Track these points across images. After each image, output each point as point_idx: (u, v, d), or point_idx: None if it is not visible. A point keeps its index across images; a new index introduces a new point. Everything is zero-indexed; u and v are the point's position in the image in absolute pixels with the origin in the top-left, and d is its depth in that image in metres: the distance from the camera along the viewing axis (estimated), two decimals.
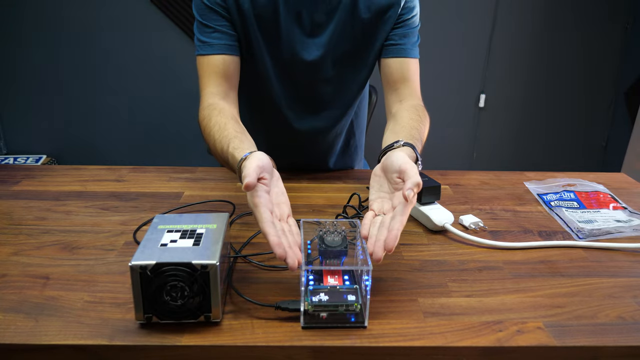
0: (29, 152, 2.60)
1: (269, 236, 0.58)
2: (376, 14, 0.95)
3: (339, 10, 0.94)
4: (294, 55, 0.97)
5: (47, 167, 1.12)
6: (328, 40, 0.96)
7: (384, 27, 0.97)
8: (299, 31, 0.95)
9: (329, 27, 0.95)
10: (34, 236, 0.80)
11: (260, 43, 0.96)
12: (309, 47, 0.97)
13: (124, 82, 2.50)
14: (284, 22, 0.94)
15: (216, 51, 0.94)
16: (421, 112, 0.94)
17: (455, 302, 0.66)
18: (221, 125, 0.83)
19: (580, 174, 1.12)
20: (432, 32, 2.44)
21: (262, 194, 0.63)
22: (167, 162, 2.59)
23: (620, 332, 0.60)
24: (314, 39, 0.96)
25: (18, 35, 2.41)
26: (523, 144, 2.77)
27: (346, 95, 1.06)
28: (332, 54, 0.98)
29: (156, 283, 0.56)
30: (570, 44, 2.59)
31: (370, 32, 0.97)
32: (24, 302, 0.63)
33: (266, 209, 0.61)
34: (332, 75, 1.01)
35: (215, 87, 0.93)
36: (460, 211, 0.92)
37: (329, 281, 0.62)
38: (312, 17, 0.94)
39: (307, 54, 0.97)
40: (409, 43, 0.99)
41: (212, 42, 0.94)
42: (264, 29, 0.95)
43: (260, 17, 0.93)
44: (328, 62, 0.99)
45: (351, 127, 1.17)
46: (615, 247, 0.81)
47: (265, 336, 0.58)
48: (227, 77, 0.95)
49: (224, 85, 0.94)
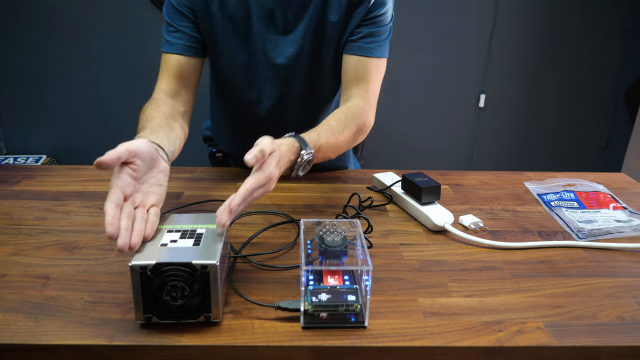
0: (29, 152, 2.60)
1: (105, 215, 0.57)
2: (346, 9, 0.96)
3: (310, 7, 0.95)
4: (267, 54, 0.98)
5: (47, 167, 1.12)
6: (301, 38, 0.97)
7: (351, 22, 0.97)
8: (272, 30, 0.96)
9: (302, 23, 0.96)
10: (34, 236, 0.80)
11: (233, 44, 0.96)
12: (283, 44, 0.97)
13: (124, 82, 2.50)
14: (257, 21, 0.95)
15: (174, 50, 0.96)
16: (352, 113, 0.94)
17: (455, 302, 0.66)
18: (148, 116, 0.84)
19: (580, 174, 1.12)
20: (432, 32, 2.44)
21: (123, 177, 0.62)
22: None
23: (620, 332, 0.60)
24: (287, 37, 0.97)
25: (18, 35, 2.41)
26: (523, 144, 2.77)
27: (321, 92, 1.06)
28: (304, 50, 0.98)
29: (156, 283, 0.56)
30: (570, 44, 2.59)
31: (341, 28, 0.97)
32: (24, 302, 0.63)
33: (118, 190, 0.60)
34: (306, 71, 1.01)
35: (165, 85, 0.96)
36: (460, 211, 0.92)
37: (329, 281, 0.62)
38: (285, 14, 0.95)
39: (281, 52, 0.98)
40: (373, 42, 0.98)
41: (172, 42, 0.96)
42: (236, 30, 0.95)
43: (233, 18, 0.94)
44: (301, 60, 0.99)
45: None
46: (615, 247, 0.81)
47: (265, 336, 0.58)
48: (181, 76, 0.97)
49: (175, 84, 0.96)
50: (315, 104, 1.08)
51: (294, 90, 1.03)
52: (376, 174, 1.03)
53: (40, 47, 2.43)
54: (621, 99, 2.66)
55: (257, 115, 1.06)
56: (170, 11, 0.96)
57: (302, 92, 1.04)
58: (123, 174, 0.63)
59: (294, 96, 1.04)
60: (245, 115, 1.08)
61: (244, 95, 1.03)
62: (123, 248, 0.57)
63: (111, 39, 2.43)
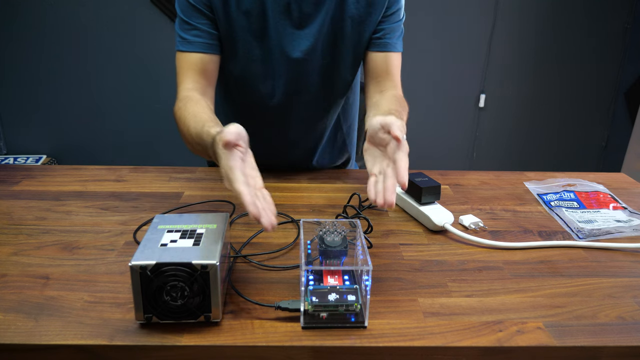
0: (29, 152, 2.60)
1: (242, 195, 0.57)
2: (364, 6, 0.96)
3: (327, 1, 0.95)
4: (282, 49, 0.97)
5: (47, 167, 1.12)
6: (317, 32, 0.96)
7: (371, 19, 0.98)
8: (288, 23, 0.95)
9: (318, 18, 0.96)
10: (34, 236, 0.80)
11: (248, 40, 0.96)
12: (299, 39, 0.97)
13: (124, 82, 2.50)
14: (272, 15, 0.94)
15: (195, 49, 0.95)
16: (401, 100, 0.97)
17: (455, 302, 0.66)
18: (196, 113, 0.84)
19: (580, 174, 1.12)
20: (433, 32, 2.44)
21: (237, 159, 0.62)
22: (167, 162, 2.59)
23: (620, 332, 0.60)
24: (303, 30, 0.96)
25: (18, 35, 2.41)
26: (523, 144, 2.77)
27: (334, 88, 1.06)
28: (320, 45, 0.98)
29: (156, 283, 0.56)
30: (570, 44, 2.59)
31: (358, 24, 0.97)
32: (24, 302, 0.63)
33: (239, 172, 0.60)
34: (321, 65, 1.01)
35: (192, 83, 0.95)
36: (460, 211, 0.92)
37: (329, 281, 0.62)
38: (301, 8, 0.94)
39: (297, 46, 0.97)
40: (394, 37, 1.01)
41: (192, 40, 0.95)
42: (252, 25, 0.95)
43: (248, 13, 0.94)
44: (317, 54, 0.99)
45: (338, 121, 1.17)
46: (615, 247, 0.81)
47: (265, 336, 0.58)
48: (205, 74, 0.96)
49: (201, 82, 0.96)
50: (328, 97, 1.07)
51: (309, 83, 1.03)
52: None
53: (40, 47, 2.43)
54: (621, 99, 2.66)
55: (265, 109, 1.06)
56: (186, 8, 0.94)
57: (316, 86, 1.04)
58: (235, 156, 0.62)
59: (307, 90, 1.03)
60: (253, 109, 1.07)
61: (257, 90, 1.03)
62: (270, 226, 0.57)
63: (111, 39, 2.43)
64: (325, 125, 1.13)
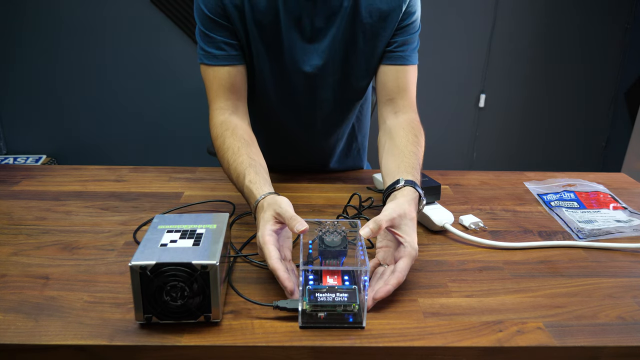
0: (29, 152, 2.60)
1: (278, 271, 0.62)
2: (377, 19, 0.93)
3: (339, 15, 0.92)
4: (294, 62, 0.96)
5: (47, 167, 1.12)
6: (328, 46, 0.95)
7: (384, 32, 0.95)
8: (299, 37, 0.94)
9: (330, 32, 0.94)
10: (34, 236, 0.80)
11: (260, 50, 0.95)
12: (310, 53, 0.95)
13: (123, 82, 2.49)
14: (285, 27, 0.92)
15: (221, 62, 0.93)
16: (417, 130, 0.93)
17: (455, 302, 0.66)
18: (234, 149, 0.85)
19: (580, 174, 1.12)
20: (433, 32, 2.44)
21: (273, 233, 0.67)
22: (167, 162, 2.59)
23: (620, 332, 0.60)
24: (314, 45, 0.95)
25: (18, 35, 2.41)
26: (523, 144, 2.77)
27: (346, 101, 1.05)
28: (332, 60, 0.96)
29: (156, 283, 0.56)
30: (570, 44, 2.59)
31: (371, 38, 0.95)
32: (24, 302, 0.63)
33: (274, 248, 0.65)
34: (332, 82, 0.99)
35: (223, 102, 0.93)
36: (460, 211, 0.92)
37: (328, 281, 0.62)
38: (313, 22, 0.92)
39: (308, 60, 0.95)
40: (408, 49, 0.97)
41: (217, 54, 0.92)
42: (264, 36, 0.93)
43: (260, 24, 0.92)
44: (328, 69, 0.97)
45: (352, 130, 1.16)
46: (615, 247, 0.81)
47: (265, 336, 0.58)
48: (235, 89, 0.94)
49: (232, 98, 0.94)
50: (340, 111, 1.06)
51: (322, 96, 1.01)
52: (376, 174, 1.03)
53: (40, 47, 2.43)
54: (621, 99, 2.66)
55: (281, 122, 1.05)
56: (206, 22, 0.92)
57: (330, 99, 1.01)
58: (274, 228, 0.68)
59: (321, 102, 1.02)
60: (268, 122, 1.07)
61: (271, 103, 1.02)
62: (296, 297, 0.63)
63: (111, 39, 2.43)
64: (339, 135, 1.12)
